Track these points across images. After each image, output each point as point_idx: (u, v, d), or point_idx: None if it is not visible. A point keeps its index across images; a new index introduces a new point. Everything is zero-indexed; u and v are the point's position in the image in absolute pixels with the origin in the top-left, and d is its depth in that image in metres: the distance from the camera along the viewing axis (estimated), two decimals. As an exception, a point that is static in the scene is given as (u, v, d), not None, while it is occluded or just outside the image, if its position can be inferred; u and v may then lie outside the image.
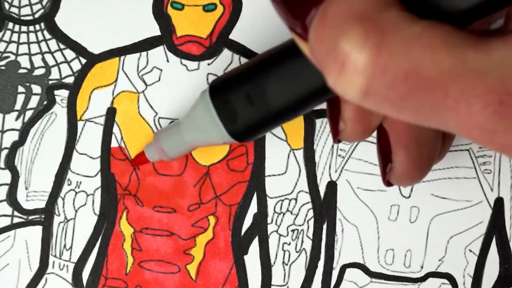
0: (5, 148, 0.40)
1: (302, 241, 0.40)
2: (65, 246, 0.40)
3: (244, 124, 0.32)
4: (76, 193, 0.40)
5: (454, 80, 0.23)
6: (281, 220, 0.40)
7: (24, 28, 0.41)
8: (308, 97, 0.30)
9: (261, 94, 0.30)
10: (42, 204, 0.40)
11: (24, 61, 0.41)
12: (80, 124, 0.41)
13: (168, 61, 0.41)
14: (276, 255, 0.40)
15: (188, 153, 0.40)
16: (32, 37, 0.41)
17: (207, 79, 0.40)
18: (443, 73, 0.23)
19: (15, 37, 0.41)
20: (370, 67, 0.23)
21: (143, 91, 0.41)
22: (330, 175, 0.40)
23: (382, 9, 0.23)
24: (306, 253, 0.40)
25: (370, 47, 0.23)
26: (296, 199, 0.40)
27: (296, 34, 0.26)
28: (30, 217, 0.40)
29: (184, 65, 0.40)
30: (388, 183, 0.34)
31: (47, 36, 0.41)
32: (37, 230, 0.40)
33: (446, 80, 0.23)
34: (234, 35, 0.41)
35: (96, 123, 0.41)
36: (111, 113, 0.41)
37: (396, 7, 0.23)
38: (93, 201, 0.40)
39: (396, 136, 0.32)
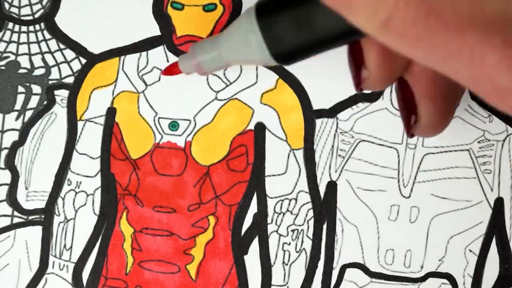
0: (5, 148, 0.40)
1: (302, 241, 0.40)
2: (65, 246, 0.40)
3: (289, 48, 0.31)
4: (76, 193, 0.40)
5: (471, 27, 0.23)
6: (281, 220, 0.40)
7: (24, 28, 0.41)
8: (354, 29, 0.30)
9: (309, 20, 0.30)
10: (42, 204, 0.40)
11: (24, 61, 0.41)
12: (80, 124, 0.41)
13: (168, 61, 0.41)
14: (276, 255, 0.40)
15: (189, 154, 0.40)
16: (32, 37, 0.41)
17: (207, 79, 0.40)
18: (461, 18, 0.23)
19: (15, 37, 0.41)
20: (393, 3, 0.23)
21: (143, 91, 0.41)
22: (330, 175, 0.40)
23: None
24: (306, 253, 0.40)
25: None
26: (296, 199, 0.40)
27: None
28: (30, 217, 0.40)
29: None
30: (412, 136, 0.33)
31: (47, 36, 0.41)
32: (37, 230, 0.40)
33: (464, 25, 0.23)
34: (234, 35, 0.40)
35: (96, 123, 0.41)
36: (111, 113, 0.41)
37: None
38: (93, 201, 0.40)
39: (422, 88, 0.31)
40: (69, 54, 0.41)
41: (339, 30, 0.30)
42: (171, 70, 0.38)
